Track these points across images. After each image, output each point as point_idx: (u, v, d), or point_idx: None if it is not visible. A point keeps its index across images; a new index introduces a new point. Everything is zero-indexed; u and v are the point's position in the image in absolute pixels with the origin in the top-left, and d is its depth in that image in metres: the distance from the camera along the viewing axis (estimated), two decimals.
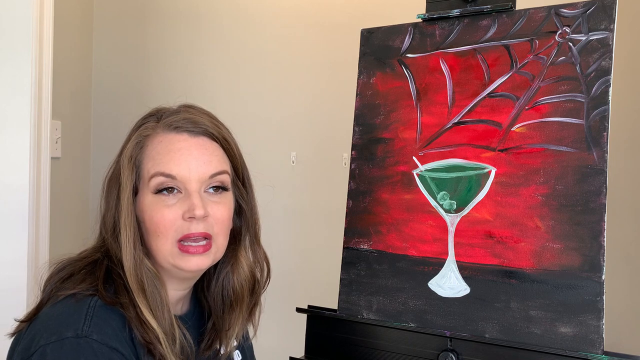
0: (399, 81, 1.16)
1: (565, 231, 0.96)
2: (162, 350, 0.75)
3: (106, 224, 0.81)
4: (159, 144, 0.80)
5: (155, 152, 0.80)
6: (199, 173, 0.79)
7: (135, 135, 0.82)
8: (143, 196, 0.80)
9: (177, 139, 0.80)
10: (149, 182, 0.79)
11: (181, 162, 0.79)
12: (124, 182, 0.79)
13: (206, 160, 0.81)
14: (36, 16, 1.72)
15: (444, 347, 1.01)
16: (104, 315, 0.74)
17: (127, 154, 0.80)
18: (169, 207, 0.78)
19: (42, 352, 0.70)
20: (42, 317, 0.75)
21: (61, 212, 2.02)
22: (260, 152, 2.07)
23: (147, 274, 0.78)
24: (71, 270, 0.80)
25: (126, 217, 0.78)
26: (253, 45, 2.22)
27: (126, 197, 0.78)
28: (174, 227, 0.78)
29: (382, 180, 1.14)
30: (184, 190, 0.79)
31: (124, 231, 0.78)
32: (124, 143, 0.84)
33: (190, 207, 0.78)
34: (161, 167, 0.79)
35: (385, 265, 1.10)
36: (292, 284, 2.10)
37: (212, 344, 0.89)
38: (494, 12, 1.09)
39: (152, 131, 0.82)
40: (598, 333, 0.91)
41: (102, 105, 2.37)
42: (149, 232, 0.80)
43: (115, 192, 0.80)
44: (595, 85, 0.98)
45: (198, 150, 0.81)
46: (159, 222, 0.78)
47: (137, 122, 0.85)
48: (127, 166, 0.79)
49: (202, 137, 0.82)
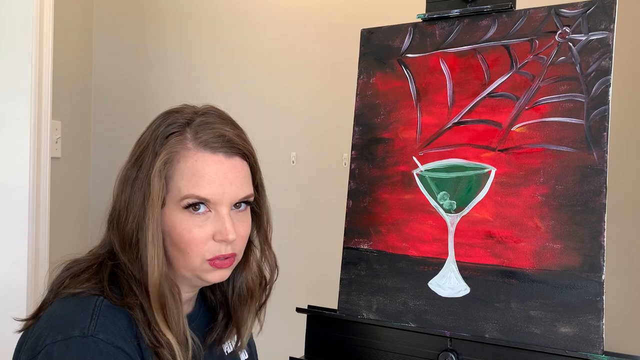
0: (399, 81, 1.16)
1: (565, 231, 0.96)
2: (169, 357, 0.75)
3: (121, 230, 0.79)
4: (194, 163, 0.78)
5: (190, 172, 0.78)
6: (231, 197, 0.79)
7: (164, 149, 0.78)
8: (171, 210, 0.79)
9: (213, 161, 0.79)
10: (181, 201, 0.78)
11: (217, 185, 0.78)
12: (154, 197, 0.77)
13: (239, 183, 0.80)
14: (36, 16, 1.73)
15: (443, 347, 1.01)
16: (110, 315, 0.74)
17: (157, 168, 0.77)
18: (199, 227, 0.78)
19: (48, 351, 0.70)
20: (48, 316, 0.75)
21: (61, 212, 2.02)
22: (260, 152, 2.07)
23: (170, 289, 0.78)
24: (77, 270, 0.80)
25: (155, 233, 0.77)
26: (253, 45, 2.22)
27: (155, 213, 0.77)
28: (205, 247, 0.79)
29: (382, 180, 1.14)
30: (214, 210, 0.79)
31: (152, 247, 0.76)
32: (145, 148, 0.80)
33: (222, 230, 0.78)
34: (196, 189, 0.77)
35: (385, 265, 1.10)
36: (292, 284, 2.10)
37: (222, 339, 0.91)
38: (494, 12, 1.09)
39: (182, 147, 0.79)
40: (598, 333, 0.91)
41: (102, 105, 2.37)
42: (176, 247, 0.79)
43: (139, 202, 0.78)
44: (595, 85, 0.98)
45: (233, 173, 0.80)
46: (190, 241, 0.78)
47: (160, 128, 0.80)
48: (158, 182, 0.77)
49: (236, 157, 0.81)
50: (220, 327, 0.91)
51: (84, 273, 0.79)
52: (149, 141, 0.80)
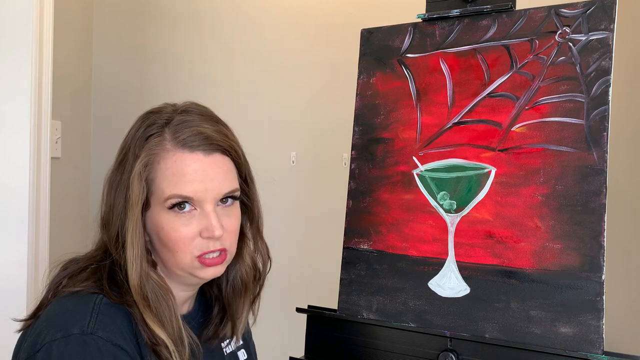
0: (399, 81, 1.16)
1: (565, 231, 0.96)
2: (168, 355, 0.75)
3: (108, 231, 0.80)
4: (174, 164, 0.78)
5: (170, 173, 0.78)
6: (214, 193, 0.79)
7: (143, 151, 0.79)
8: (156, 211, 0.79)
9: (192, 159, 0.79)
10: (165, 202, 0.78)
11: (198, 183, 0.78)
12: (133, 200, 0.77)
13: (221, 179, 0.80)
14: (36, 16, 1.73)
15: (444, 347, 1.01)
16: (109, 313, 0.74)
17: (137, 171, 0.78)
18: (186, 225, 0.78)
19: (48, 349, 0.70)
20: (48, 314, 0.75)
21: (61, 212, 2.02)
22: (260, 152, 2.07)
23: (152, 287, 0.78)
24: (75, 269, 0.80)
25: (134, 235, 0.77)
26: (253, 45, 2.22)
27: (135, 215, 0.77)
28: (193, 244, 0.79)
29: (382, 180, 1.14)
30: (199, 207, 0.79)
31: (131, 249, 0.77)
32: (126, 151, 0.81)
33: (208, 227, 0.79)
34: (177, 189, 0.78)
35: (385, 265, 1.10)
36: (292, 284, 2.10)
37: (219, 332, 0.90)
38: (494, 12, 1.09)
39: (161, 148, 0.79)
40: (598, 333, 0.91)
41: (102, 105, 2.37)
42: (165, 246, 0.80)
43: (121, 205, 0.79)
44: (595, 85, 0.98)
45: (213, 170, 0.80)
46: (177, 240, 0.78)
47: (139, 130, 0.81)
48: (137, 185, 0.77)
49: (216, 154, 0.81)
50: (216, 322, 0.91)
51: (82, 272, 0.79)
52: (130, 144, 0.81)
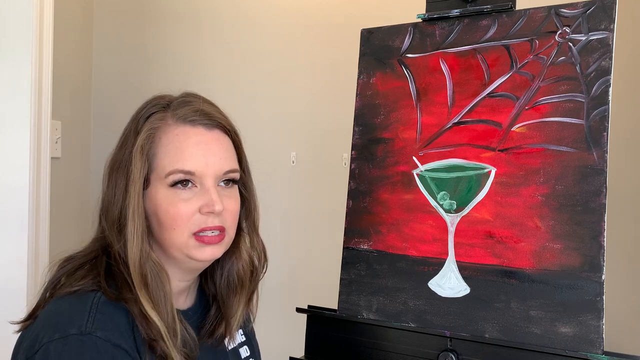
0: (399, 81, 1.16)
1: (565, 231, 0.96)
2: (164, 346, 0.74)
3: (109, 215, 0.80)
4: (175, 137, 0.80)
5: (172, 146, 0.79)
6: (215, 169, 0.80)
7: (145, 126, 0.80)
8: (156, 189, 0.79)
9: (194, 133, 0.80)
10: (166, 178, 0.79)
11: (199, 157, 0.79)
12: (135, 174, 0.78)
13: (222, 155, 0.81)
14: (36, 16, 1.73)
15: (444, 347, 1.01)
16: (107, 312, 0.73)
17: (139, 144, 0.78)
18: (185, 201, 0.79)
19: (46, 350, 0.70)
20: (45, 314, 0.75)
21: (61, 212, 2.02)
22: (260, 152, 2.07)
23: (151, 267, 0.78)
24: (72, 267, 0.79)
25: (135, 209, 0.77)
26: (253, 45, 2.22)
27: (136, 189, 0.77)
28: (191, 221, 0.79)
29: (382, 180, 1.14)
30: (200, 184, 0.80)
31: (132, 223, 0.77)
32: (128, 132, 0.82)
33: (209, 202, 0.79)
34: (180, 164, 0.78)
35: (385, 265, 1.10)
36: (292, 284, 2.10)
37: (215, 331, 0.89)
38: (494, 12, 1.09)
39: (163, 123, 0.81)
40: (598, 333, 0.91)
41: (102, 105, 2.37)
42: (162, 224, 0.79)
43: (122, 183, 0.79)
44: (595, 85, 0.98)
45: (215, 145, 0.81)
46: (175, 215, 0.78)
47: (142, 111, 0.83)
48: (139, 158, 0.78)
49: (216, 130, 0.82)
50: (212, 319, 0.90)
51: (80, 270, 0.79)
52: (132, 125, 0.82)
